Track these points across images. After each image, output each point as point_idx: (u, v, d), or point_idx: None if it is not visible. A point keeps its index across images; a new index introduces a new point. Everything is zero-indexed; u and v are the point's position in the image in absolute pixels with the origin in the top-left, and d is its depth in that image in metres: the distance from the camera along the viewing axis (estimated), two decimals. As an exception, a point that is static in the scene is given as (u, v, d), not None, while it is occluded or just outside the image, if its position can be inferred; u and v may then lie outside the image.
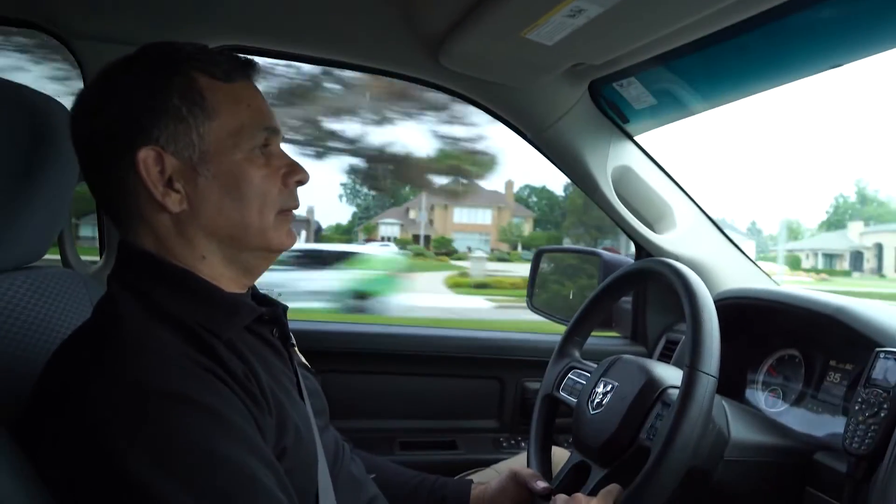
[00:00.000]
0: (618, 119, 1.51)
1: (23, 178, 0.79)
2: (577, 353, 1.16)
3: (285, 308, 0.89)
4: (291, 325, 0.91)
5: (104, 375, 0.65)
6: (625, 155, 1.54)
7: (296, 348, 0.92)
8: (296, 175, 0.82)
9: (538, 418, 1.14)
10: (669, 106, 1.46)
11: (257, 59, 0.83)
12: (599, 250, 1.81)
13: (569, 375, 1.13)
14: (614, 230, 1.59)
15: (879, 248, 35.18)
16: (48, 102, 0.85)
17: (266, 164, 0.79)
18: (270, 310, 0.85)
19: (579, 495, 0.87)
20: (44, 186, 0.83)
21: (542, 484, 1.00)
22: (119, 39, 1.22)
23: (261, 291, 0.92)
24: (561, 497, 0.88)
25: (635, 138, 1.56)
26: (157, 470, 0.61)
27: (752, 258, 1.62)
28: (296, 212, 0.84)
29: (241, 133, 0.77)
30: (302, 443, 0.78)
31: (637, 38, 1.11)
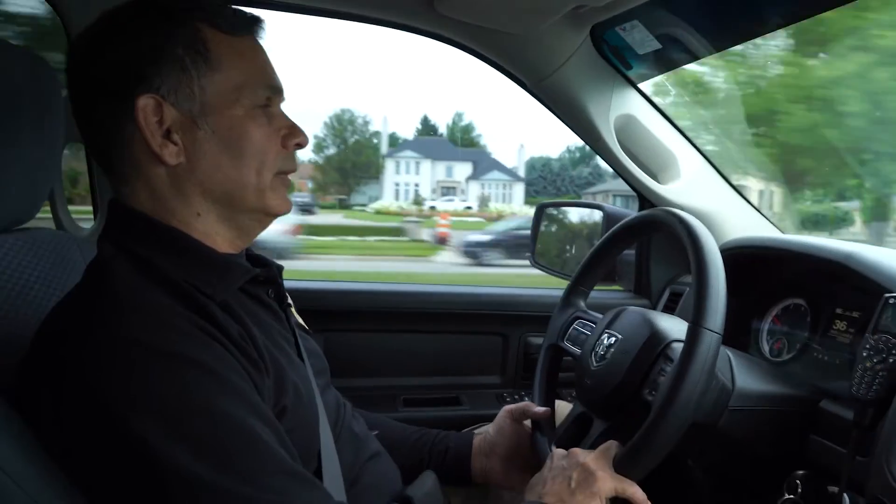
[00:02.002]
0: (621, 65, 1.46)
1: (8, 137, 0.77)
2: (582, 304, 1.15)
3: (280, 268, 0.88)
4: (290, 285, 0.90)
5: (101, 336, 0.64)
6: (628, 103, 1.49)
7: (293, 308, 0.91)
8: (296, 137, 0.80)
9: (542, 367, 1.13)
10: (674, 50, 1.40)
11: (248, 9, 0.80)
12: (601, 203, 1.78)
13: (573, 325, 1.12)
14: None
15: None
16: (33, 59, 0.82)
17: (267, 124, 0.77)
18: (265, 270, 0.84)
19: (576, 449, 0.87)
20: (31, 145, 0.81)
21: (540, 408, 1.00)
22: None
23: (255, 252, 0.90)
24: (559, 451, 0.88)
25: (639, 85, 1.51)
26: (157, 428, 0.60)
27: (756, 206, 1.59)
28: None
29: (243, 89, 0.75)
30: (302, 402, 0.78)
31: (641, -22, 1.06)
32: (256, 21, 0.79)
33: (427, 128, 72.14)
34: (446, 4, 1.23)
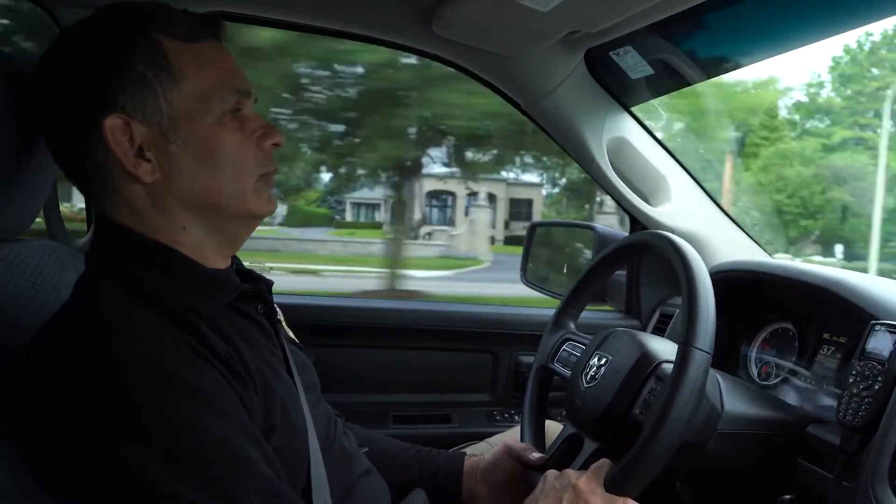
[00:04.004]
0: (614, 89, 1.48)
1: (4, 149, 0.77)
2: (572, 326, 1.16)
3: (270, 283, 0.87)
4: (282, 301, 0.89)
5: (86, 355, 0.63)
6: (620, 126, 1.52)
7: (283, 323, 0.91)
8: (271, 138, 0.78)
9: (532, 389, 1.13)
10: (666, 76, 1.43)
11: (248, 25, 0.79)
12: (594, 224, 1.79)
13: (563, 347, 1.13)
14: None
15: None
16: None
17: (240, 129, 0.75)
18: (253, 286, 0.83)
19: (569, 470, 0.87)
20: (27, 157, 0.81)
21: (536, 455, 1.00)
22: (102, 6, 1.18)
23: (245, 266, 0.90)
24: (551, 472, 0.88)
25: (631, 109, 1.53)
26: (143, 449, 0.60)
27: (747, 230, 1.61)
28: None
29: (210, 96, 0.73)
30: (290, 419, 0.77)
31: (634, 5, 1.08)
32: (216, 24, 0.77)
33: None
34: (444, 27, 1.25)
